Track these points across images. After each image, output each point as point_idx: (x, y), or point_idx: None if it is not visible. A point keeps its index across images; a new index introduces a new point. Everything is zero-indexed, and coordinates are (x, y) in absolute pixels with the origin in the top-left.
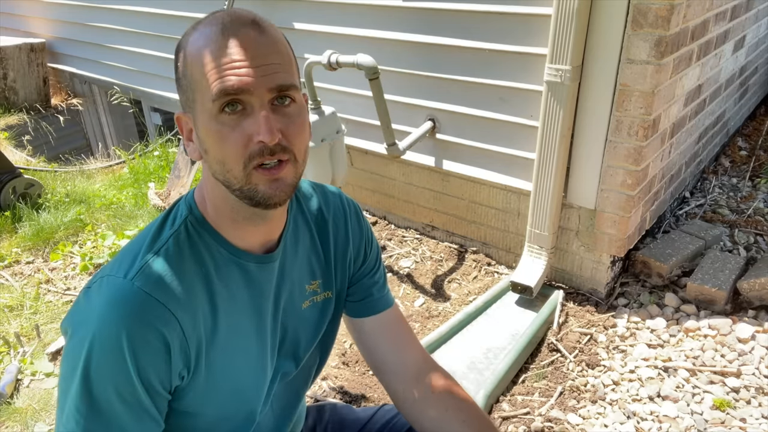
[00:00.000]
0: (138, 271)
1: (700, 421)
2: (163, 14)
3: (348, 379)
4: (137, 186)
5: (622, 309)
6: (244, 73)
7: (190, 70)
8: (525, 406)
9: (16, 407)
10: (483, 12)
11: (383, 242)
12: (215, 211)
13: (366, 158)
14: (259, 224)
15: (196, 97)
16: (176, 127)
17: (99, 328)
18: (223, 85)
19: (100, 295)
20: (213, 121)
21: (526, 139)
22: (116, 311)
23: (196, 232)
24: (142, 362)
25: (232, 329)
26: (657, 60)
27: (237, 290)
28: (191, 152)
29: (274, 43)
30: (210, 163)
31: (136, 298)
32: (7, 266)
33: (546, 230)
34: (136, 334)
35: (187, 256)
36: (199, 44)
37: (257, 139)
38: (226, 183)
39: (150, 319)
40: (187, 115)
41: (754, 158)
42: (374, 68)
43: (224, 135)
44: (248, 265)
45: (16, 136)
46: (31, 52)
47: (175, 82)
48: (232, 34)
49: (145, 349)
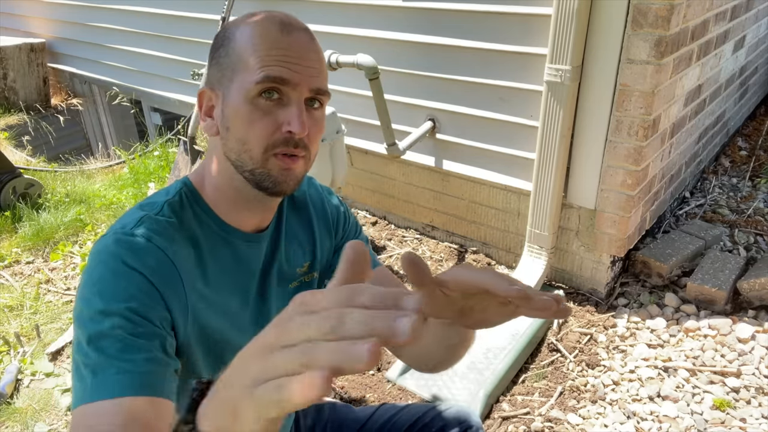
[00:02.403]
0: (136, 223)
1: (700, 421)
2: (163, 14)
3: (348, 379)
4: (137, 186)
5: (622, 309)
6: (294, 69)
7: (238, 50)
8: (525, 406)
9: (16, 407)
10: (483, 12)
11: (383, 242)
12: (215, 191)
13: (366, 158)
14: (257, 210)
15: (235, 76)
16: (176, 127)
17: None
18: (272, 72)
19: (104, 244)
20: (247, 102)
21: (526, 139)
22: (119, 245)
23: (189, 204)
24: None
25: (215, 300)
26: (657, 60)
27: (224, 264)
28: (207, 127)
29: (319, 52)
30: (228, 140)
31: (138, 240)
32: (7, 266)
33: (546, 230)
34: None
35: (180, 221)
36: (255, 31)
37: (286, 129)
38: (239, 162)
39: (150, 251)
40: (215, 91)
41: (754, 158)
42: (374, 68)
43: (255, 117)
44: (236, 242)
45: (16, 136)
46: (31, 52)
47: (210, 59)
48: (289, 32)
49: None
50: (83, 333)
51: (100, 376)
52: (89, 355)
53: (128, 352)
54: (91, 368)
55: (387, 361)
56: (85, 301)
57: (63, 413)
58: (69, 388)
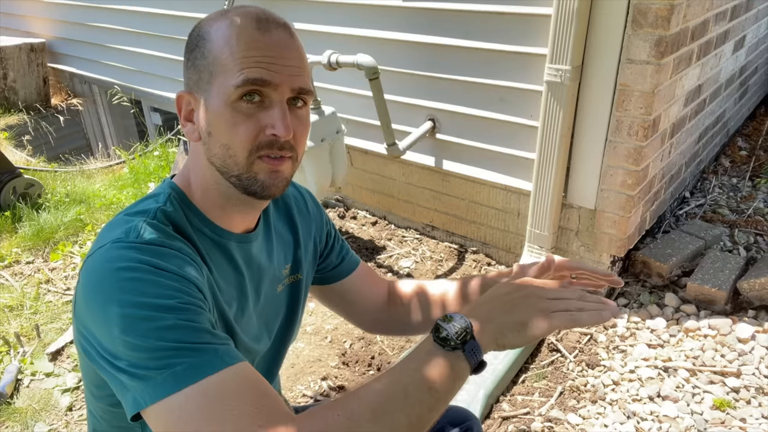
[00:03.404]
0: (139, 230)
1: (700, 421)
2: (163, 14)
3: (348, 379)
4: (137, 186)
5: (622, 309)
6: (274, 69)
7: (215, 52)
8: (525, 406)
9: (16, 407)
10: (483, 12)
11: (383, 242)
12: (203, 194)
13: (366, 158)
14: (247, 213)
15: (213, 79)
16: (176, 126)
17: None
18: (251, 74)
19: (119, 254)
20: (228, 106)
21: (526, 139)
22: (140, 252)
23: (181, 209)
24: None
25: (220, 300)
26: (657, 60)
27: (220, 267)
28: (188, 132)
29: (300, 49)
30: (211, 146)
31: (154, 247)
32: (7, 266)
33: (546, 230)
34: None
35: (175, 227)
36: (231, 31)
37: (270, 132)
38: (224, 168)
39: (169, 254)
40: (194, 95)
41: (754, 158)
42: (374, 68)
43: (237, 121)
44: (229, 244)
45: (16, 136)
46: (31, 52)
47: (186, 61)
48: (266, 30)
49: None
50: (138, 334)
51: (192, 357)
52: (161, 349)
53: (203, 335)
54: (173, 357)
55: (387, 362)
56: (124, 305)
57: (63, 413)
58: (69, 388)
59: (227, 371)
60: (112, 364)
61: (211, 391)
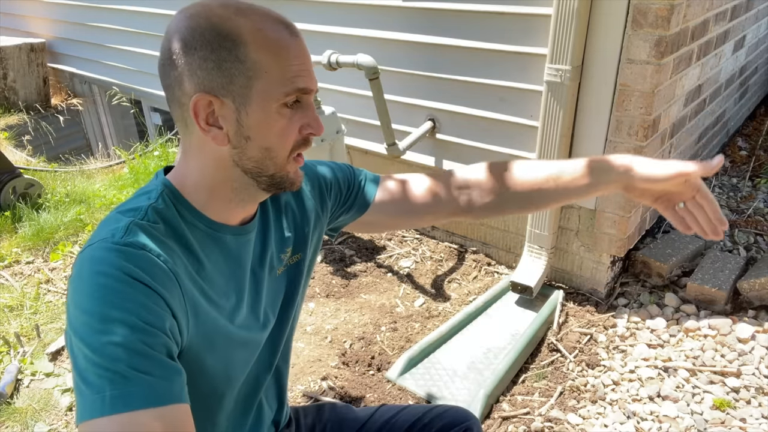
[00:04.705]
0: (125, 231)
1: (700, 421)
2: (163, 14)
3: (348, 379)
4: (137, 186)
5: (622, 309)
6: (310, 75)
7: (254, 57)
8: (525, 406)
9: (16, 407)
10: (483, 12)
11: (383, 242)
12: (202, 191)
13: (366, 158)
14: (250, 205)
15: (254, 84)
16: (176, 127)
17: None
18: (301, 83)
19: (98, 254)
20: (275, 112)
21: (527, 139)
22: (118, 256)
23: (174, 206)
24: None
25: (214, 299)
26: (657, 60)
27: (217, 262)
28: (215, 137)
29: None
30: (247, 150)
31: (134, 250)
32: (7, 266)
33: (546, 230)
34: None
35: (167, 225)
36: (269, 35)
37: (307, 132)
38: (258, 168)
39: (147, 259)
40: (219, 98)
41: (754, 158)
42: (374, 68)
43: (283, 125)
44: (226, 238)
45: (16, 136)
46: (31, 52)
47: (202, 60)
48: (294, 35)
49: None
50: (89, 344)
51: (121, 387)
52: (102, 366)
53: (148, 362)
54: (108, 379)
55: (387, 362)
56: (87, 312)
57: (63, 413)
58: (69, 388)
59: (154, 411)
60: (74, 361)
61: (128, 429)
